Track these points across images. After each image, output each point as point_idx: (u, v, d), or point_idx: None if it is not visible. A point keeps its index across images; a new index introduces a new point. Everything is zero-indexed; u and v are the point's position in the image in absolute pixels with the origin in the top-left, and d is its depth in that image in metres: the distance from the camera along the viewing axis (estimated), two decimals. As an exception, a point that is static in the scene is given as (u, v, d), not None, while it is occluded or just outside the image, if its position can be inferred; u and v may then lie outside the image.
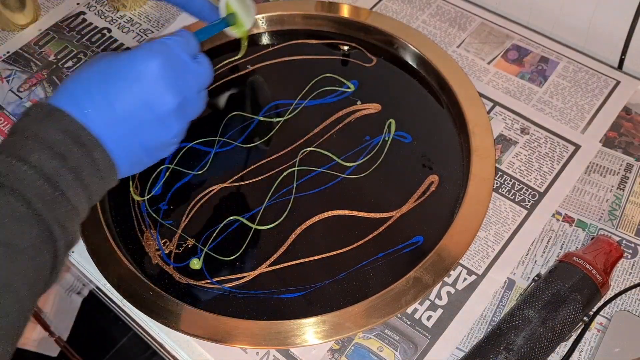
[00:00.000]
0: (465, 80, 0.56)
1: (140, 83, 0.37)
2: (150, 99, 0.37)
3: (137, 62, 0.37)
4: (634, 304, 0.45)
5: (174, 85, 0.38)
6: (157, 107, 0.38)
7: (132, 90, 0.37)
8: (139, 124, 0.37)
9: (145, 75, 0.37)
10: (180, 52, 0.39)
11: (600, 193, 0.50)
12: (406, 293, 0.44)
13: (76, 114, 0.36)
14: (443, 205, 0.50)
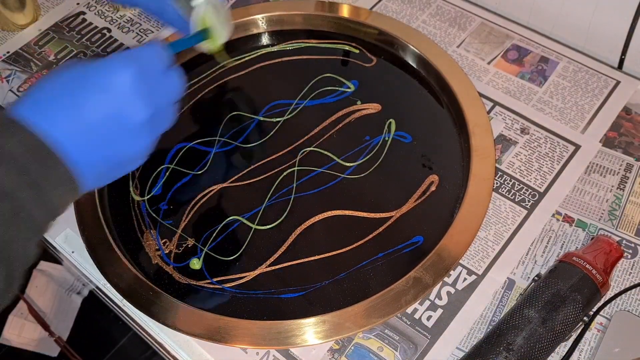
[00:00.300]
0: (465, 80, 0.56)
1: (111, 93, 0.35)
2: (120, 110, 0.36)
3: (108, 71, 0.35)
4: (634, 304, 0.45)
5: (146, 97, 0.36)
6: (128, 118, 0.36)
7: (101, 101, 0.35)
8: (107, 136, 0.36)
9: (116, 86, 0.35)
10: (153, 63, 0.37)
11: (600, 193, 0.50)
12: (406, 293, 0.44)
13: (40, 124, 0.33)
14: (443, 205, 0.50)
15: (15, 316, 0.97)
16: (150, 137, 0.38)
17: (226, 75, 0.60)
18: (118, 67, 0.36)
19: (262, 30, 0.63)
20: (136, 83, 0.36)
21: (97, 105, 0.35)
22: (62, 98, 0.35)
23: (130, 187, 0.53)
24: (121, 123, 0.36)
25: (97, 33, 0.66)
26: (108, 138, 0.36)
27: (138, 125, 0.36)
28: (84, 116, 0.35)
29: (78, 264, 0.50)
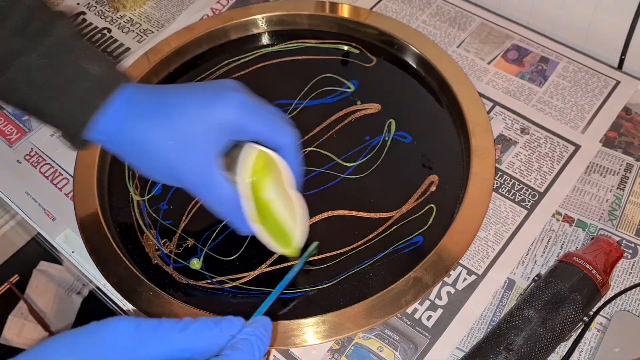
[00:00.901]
0: (465, 80, 0.56)
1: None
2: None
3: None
4: (634, 304, 0.45)
5: None
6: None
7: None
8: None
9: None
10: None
11: (600, 193, 0.50)
12: (406, 293, 0.44)
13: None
14: (443, 205, 0.50)
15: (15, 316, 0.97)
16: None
17: (226, 75, 0.60)
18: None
19: (262, 30, 0.63)
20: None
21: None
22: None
23: (130, 187, 0.53)
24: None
25: (97, 33, 0.66)
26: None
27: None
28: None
29: (78, 264, 0.50)
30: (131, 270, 0.47)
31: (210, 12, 0.66)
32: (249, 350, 0.29)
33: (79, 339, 0.27)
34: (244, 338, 0.30)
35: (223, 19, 0.63)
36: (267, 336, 0.30)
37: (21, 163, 0.56)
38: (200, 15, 0.66)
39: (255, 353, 0.29)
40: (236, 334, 0.30)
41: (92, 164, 0.53)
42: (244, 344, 0.29)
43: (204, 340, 0.29)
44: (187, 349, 0.29)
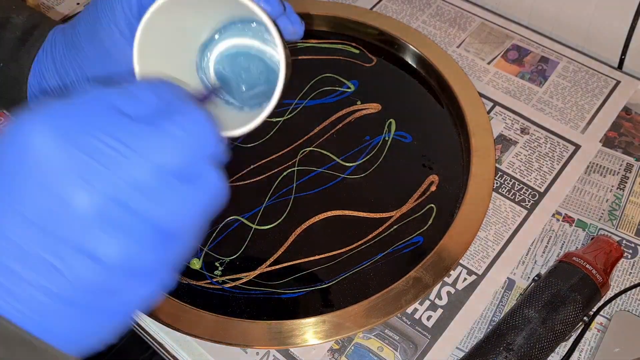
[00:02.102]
0: (465, 80, 0.56)
1: (15, 188, 0.20)
2: (38, 211, 0.20)
3: (17, 139, 0.21)
4: (634, 304, 0.45)
5: (84, 172, 0.20)
6: (55, 225, 0.20)
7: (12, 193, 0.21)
8: (26, 268, 0.20)
9: (25, 168, 0.20)
10: (106, 108, 0.22)
11: (600, 193, 0.50)
12: (406, 293, 0.44)
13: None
14: (443, 205, 0.50)
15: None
16: (118, 237, 0.21)
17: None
18: (32, 127, 0.20)
19: (262, 30, 0.63)
20: (64, 152, 0.20)
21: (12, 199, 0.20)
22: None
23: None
24: (49, 230, 0.20)
25: (97, 33, 0.66)
26: (22, 274, 0.20)
27: (79, 227, 0.20)
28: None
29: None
30: (131, 270, 0.47)
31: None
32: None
33: None
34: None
35: (223, 19, 0.63)
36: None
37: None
38: (200, 15, 0.65)
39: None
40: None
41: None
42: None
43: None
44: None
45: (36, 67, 0.36)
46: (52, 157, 0.20)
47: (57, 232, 0.20)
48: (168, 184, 0.22)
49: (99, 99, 0.22)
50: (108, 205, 0.20)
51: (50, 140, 0.20)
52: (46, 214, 0.20)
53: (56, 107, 0.21)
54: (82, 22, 0.35)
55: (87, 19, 0.34)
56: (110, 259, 0.21)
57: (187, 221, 0.23)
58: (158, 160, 0.21)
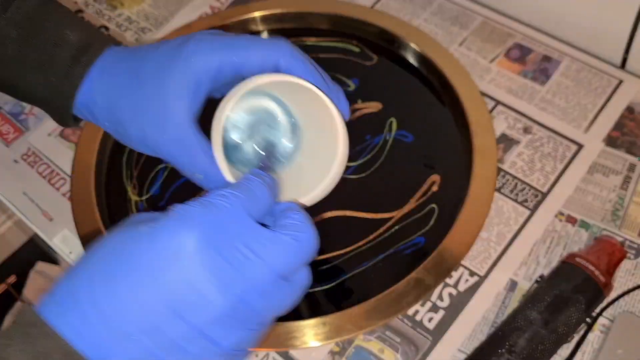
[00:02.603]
0: (467, 79, 0.55)
1: (163, 279, 0.24)
2: (180, 303, 0.24)
3: (158, 242, 0.24)
4: (637, 305, 0.45)
5: (222, 275, 0.24)
6: (193, 315, 0.24)
7: (145, 292, 0.24)
8: (159, 344, 0.24)
9: (171, 265, 0.24)
10: (241, 218, 0.26)
11: (603, 193, 0.50)
12: (407, 294, 0.44)
13: (63, 330, 0.24)
14: (445, 205, 0.49)
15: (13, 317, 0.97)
16: (235, 335, 0.25)
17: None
18: (177, 231, 0.24)
19: (261, 28, 0.63)
20: (204, 255, 0.24)
21: (139, 298, 0.24)
22: (90, 292, 0.24)
23: (128, 187, 0.53)
24: (183, 321, 0.24)
25: (95, 31, 0.66)
26: (160, 345, 0.24)
27: (211, 322, 0.24)
28: (119, 317, 0.24)
29: (75, 264, 0.49)
30: (129, 271, 0.46)
31: (209, 10, 0.66)
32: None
33: None
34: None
35: (222, 17, 0.62)
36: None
37: (18, 163, 0.56)
38: (199, 14, 0.65)
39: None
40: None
41: (89, 163, 0.52)
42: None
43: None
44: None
45: (87, 85, 0.37)
46: (198, 260, 0.24)
47: (192, 320, 0.24)
48: (278, 286, 0.26)
49: (234, 205, 0.26)
50: (236, 303, 0.25)
51: (198, 245, 0.24)
52: (185, 305, 0.24)
53: (199, 212, 0.26)
54: (150, 61, 0.35)
55: (157, 65, 0.34)
56: (228, 345, 0.25)
57: (279, 311, 0.28)
58: (276, 268, 0.26)
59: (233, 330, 0.25)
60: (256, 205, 0.27)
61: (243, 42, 0.35)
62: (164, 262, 0.24)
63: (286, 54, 0.35)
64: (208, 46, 0.34)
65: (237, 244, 0.25)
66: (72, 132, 0.57)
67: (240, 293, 0.25)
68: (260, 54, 0.34)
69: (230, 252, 0.25)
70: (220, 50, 0.34)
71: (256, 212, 0.27)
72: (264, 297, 0.26)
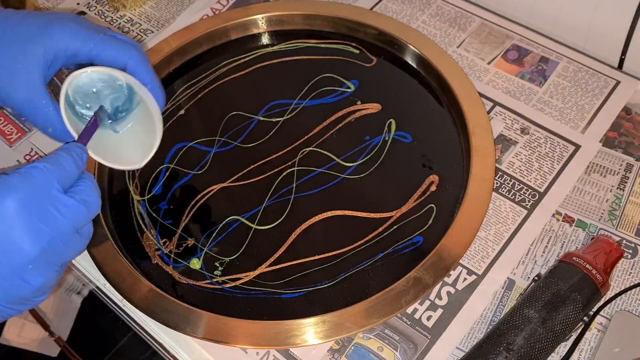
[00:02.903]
0: (465, 80, 0.56)
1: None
2: (1, 248, 0.32)
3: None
4: (634, 304, 0.45)
5: (36, 229, 0.32)
6: (11, 258, 0.32)
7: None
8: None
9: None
10: (49, 187, 0.33)
11: (600, 193, 0.50)
12: (406, 293, 0.44)
13: None
14: (443, 205, 0.50)
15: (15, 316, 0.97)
16: (46, 274, 0.34)
17: (226, 75, 0.60)
18: (1, 195, 0.32)
19: (262, 30, 0.63)
20: (22, 214, 0.32)
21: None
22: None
23: (130, 187, 0.53)
24: (3, 262, 0.32)
25: (97, 33, 0.66)
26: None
27: (26, 263, 0.32)
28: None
29: (78, 263, 0.49)
30: (131, 270, 0.47)
31: (210, 12, 0.66)
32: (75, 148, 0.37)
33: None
34: (65, 147, 0.37)
35: (223, 18, 0.63)
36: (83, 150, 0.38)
37: (21, 163, 0.56)
38: (200, 15, 0.66)
39: (77, 150, 0.37)
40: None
41: (91, 163, 0.53)
42: (69, 147, 0.37)
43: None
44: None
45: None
46: (17, 219, 0.32)
47: (9, 264, 0.32)
48: (74, 236, 0.35)
49: (45, 176, 0.34)
50: (45, 250, 0.33)
51: (17, 208, 0.32)
52: (4, 253, 0.32)
53: (18, 182, 0.33)
54: (17, 28, 0.40)
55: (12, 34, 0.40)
56: (38, 283, 0.33)
57: (75, 255, 0.36)
58: (73, 224, 0.35)
59: (42, 271, 0.33)
60: (63, 175, 0.35)
61: (102, 38, 0.41)
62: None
63: (133, 58, 0.42)
64: (72, 34, 0.40)
65: (46, 206, 0.33)
66: (75, 133, 0.58)
67: (48, 242, 0.33)
68: (113, 54, 0.42)
69: (41, 213, 0.33)
70: (81, 41, 0.41)
71: (63, 180, 0.35)
72: (65, 245, 0.34)
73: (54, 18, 0.41)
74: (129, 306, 0.46)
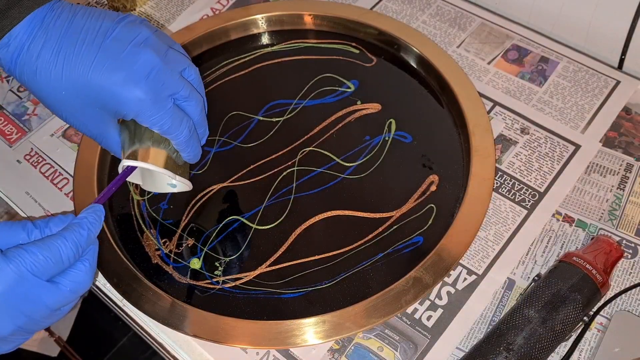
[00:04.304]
0: (465, 80, 0.56)
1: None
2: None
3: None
4: (634, 303, 0.45)
5: (12, 315, 0.33)
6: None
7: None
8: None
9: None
10: (35, 277, 0.34)
11: (600, 193, 0.50)
12: (406, 293, 0.44)
13: None
14: (443, 205, 0.50)
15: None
16: (14, 342, 0.35)
17: (226, 75, 0.60)
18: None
19: (262, 30, 0.63)
20: (0, 302, 0.32)
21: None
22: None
23: (130, 187, 0.53)
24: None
25: (97, 33, 0.66)
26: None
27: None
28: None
29: (78, 263, 0.49)
30: (131, 270, 0.47)
31: (210, 12, 0.66)
32: (81, 230, 0.36)
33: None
34: (76, 222, 0.37)
35: (223, 18, 0.63)
36: (99, 220, 0.38)
37: (21, 163, 0.56)
38: (200, 15, 0.66)
39: (84, 233, 0.36)
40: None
41: (92, 163, 0.53)
42: (75, 227, 0.36)
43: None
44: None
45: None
46: (4, 308, 0.33)
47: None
48: (51, 315, 0.36)
49: (37, 270, 0.34)
50: (20, 327, 0.34)
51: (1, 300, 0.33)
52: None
53: (4, 270, 0.33)
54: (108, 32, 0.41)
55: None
56: (6, 349, 0.35)
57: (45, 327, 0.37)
58: (54, 307, 0.35)
59: (12, 340, 0.35)
60: (56, 263, 0.35)
61: (161, 117, 0.41)
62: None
63: (183, 135, 0.43)
64: (136, 110, 0.41)
65: (30, 294, 0.34)
66: (75, 133, 0.58)
67: (23, 323, 0.34)
68: (166, 128, 0.42)
69: (22, 301, 0.33)
70: (144, 117, 0.41)
71: (55, 268, 0.35)
72: (40, 321, 0.35)
73: (123, 81, 0.40)
74: (129, 306, 0.46)
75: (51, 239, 0.35)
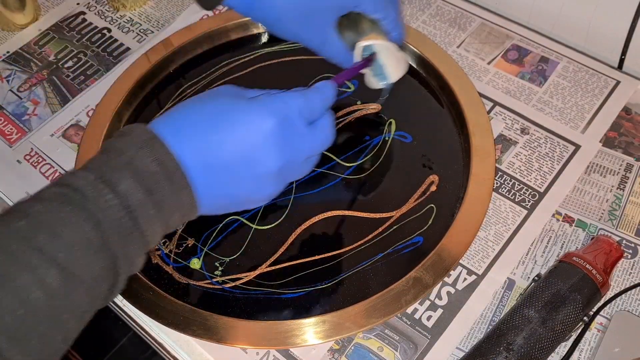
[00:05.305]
0: (465, 81, 0.56)
1: (248, 139, 0.36)
2: (252, 157, 0.36)
3: (252, 116, 0.36)
4: (634, 304, 0.45)
5: (281, 149, 0.37)
6: (257, 167, 0.37)
7: (236, 143, 0.36)
8: (233, 177, 0.37)
9: (256, 133, 0.36)
10: (297, 117, 0.38)
11: (600, 193, 0.50)
12: (406, 293, 0.44)
13: (176, 148, 0.35)
14: (443, 205, 0.50)
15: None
16: (276, 187, 0.39)
17: (226, 75, 0.60)
18: (264, 115, 0.36)
19: (262, 30, 0.63)
20: (276, 134, 0.36)
21: (232, 146, 0.36)
22: (204, 129, 0.36)
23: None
24: (251, 168, 0.37)
25: (97, 33, 0.66)
26: (233, 179, 0.37)
27: (266, 175, 0.37)
28: (219, 152, 0.36)
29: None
30: (131, 270, 0.47)
31: (210, 12, 0.66)
32: (326, 90, 0.41)
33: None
34: (321, 84, 0.41)
35: (223, 18, 0.63)
36: (335, 92, 0.41)
37: (21, 163, 0.56)
38: (201, 15, 0.66)
39: (329, 93, 0.41)
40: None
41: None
42: (321, 86, 0.41)
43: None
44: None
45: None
46: (270, 136, 0.37)
47: (255, 170, 0.37)
48: (306, 161, 0.40)
49: (298, 107, 0.38)
50: (282, 167, 0.38)
51: (273, 127, 0.37)
52: (255, 160, 0.37)
53: (278, 107, 0.37)
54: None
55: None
56: (268, 193, 0.39)
57: (300, 176, 0.42)
58: (309, 151, 0.40)
59: (275, 184, 0.39)
60: (310, 109, 0.39)
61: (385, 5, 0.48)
62: (252, 131, 0.36)
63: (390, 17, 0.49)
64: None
65: (292, 133, 0.38)
66: (75, 133, 0.58)
67: (285, 163, 0.38)
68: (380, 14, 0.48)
69: (287, 138, 0.37)
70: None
71: (309, 113, 0.39)
72: (295, 168, 0.39)
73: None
74: (129, 306, 0.46)
75: (306, 90, 0.40)
